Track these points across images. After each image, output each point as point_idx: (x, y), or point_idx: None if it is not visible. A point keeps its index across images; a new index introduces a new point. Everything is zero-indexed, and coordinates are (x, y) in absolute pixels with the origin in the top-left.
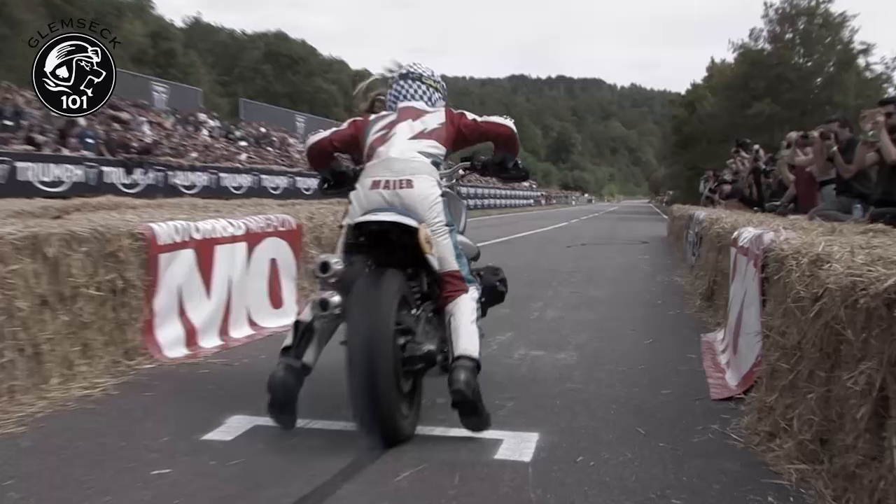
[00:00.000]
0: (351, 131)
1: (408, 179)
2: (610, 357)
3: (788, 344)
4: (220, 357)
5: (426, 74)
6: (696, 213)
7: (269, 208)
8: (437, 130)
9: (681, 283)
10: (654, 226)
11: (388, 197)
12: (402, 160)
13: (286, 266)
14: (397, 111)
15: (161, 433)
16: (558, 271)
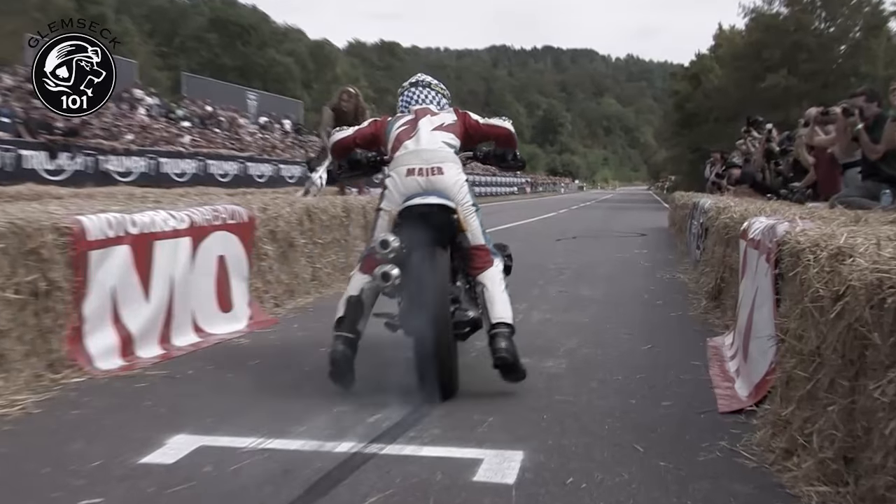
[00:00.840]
0: (371, 130)
1: (438, 167)
2: (603, 365)
3: (806, 349)
4: (161, 368)
5: (434, 83)
6: (701, 201)
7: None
8: (452, 125)
9: (684, 280)
10: (654, 216)
11: (422, 183)
12: (430, 150)
13: (236, 264)
14: (413, 112)
15: (91, 456)
16: (545, 268)
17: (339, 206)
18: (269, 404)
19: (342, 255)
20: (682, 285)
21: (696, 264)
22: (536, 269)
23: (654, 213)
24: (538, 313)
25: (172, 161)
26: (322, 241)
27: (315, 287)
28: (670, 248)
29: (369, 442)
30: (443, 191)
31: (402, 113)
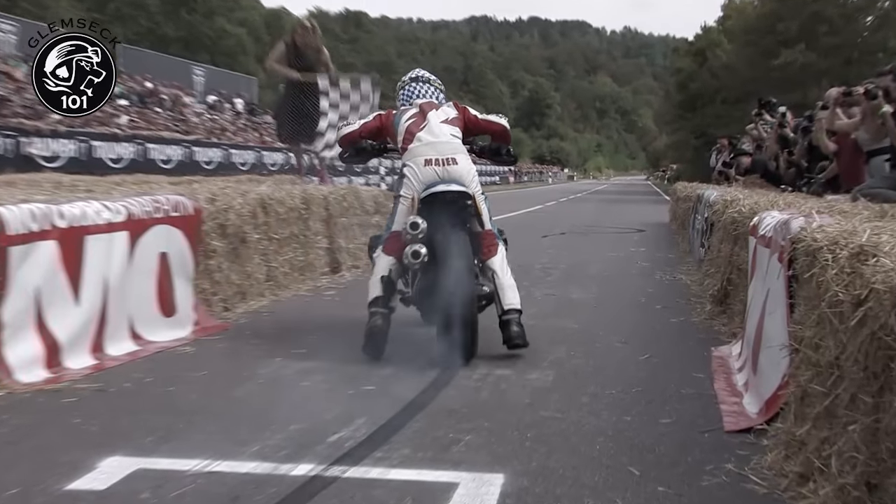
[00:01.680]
0: (377, 124)
1: (453, 158)
2: (595, 377)
3: (823, 360)
4: (92, 381)
5: (433, 78)
6: (706, 192)
7: (158, 187)
8: (455, 119)
9: (686, 282)
10: (653, 209)
11: (440, 172)
12: (443, 142)
13: (180, 262)
14: (419, 106)
15: (10, 482)
16: (530, 268)
17: (297, 197)
18: (217, 421)
19: (301, 253)
20: (683, 288)
21: (700, 264)
22: (520, 269)
23: (653, 206)
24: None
25: (107, 144)
26: (278, 237)
27: (270, 288)
28: (671, 246)
29: (330, 464)
30: (458, 179)
31: (405, 106)
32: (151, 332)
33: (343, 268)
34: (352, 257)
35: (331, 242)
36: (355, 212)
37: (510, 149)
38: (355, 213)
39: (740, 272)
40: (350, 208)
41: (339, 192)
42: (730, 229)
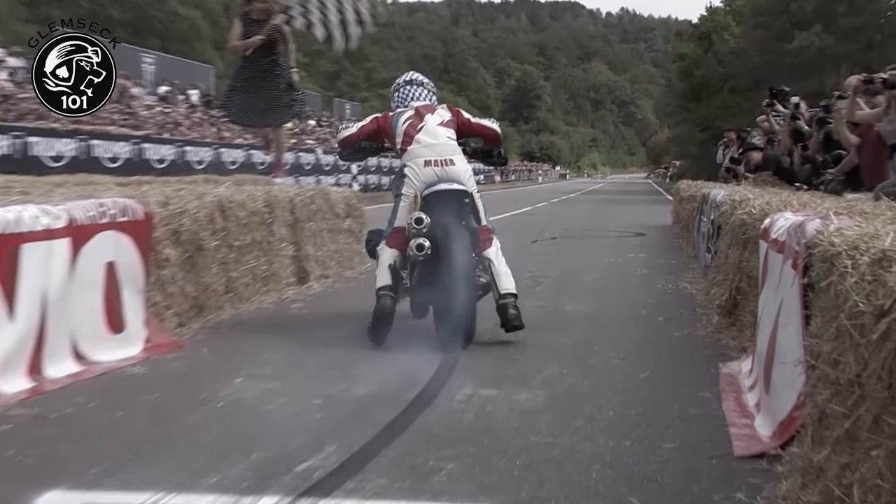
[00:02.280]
0: (374, 126)
1: (451, 159)
2: (590, 397)
3: (843, 378)
4: (29, 406)
5: (426, 81)
6: (712, 192)
7: (103, 189)
8: (450, 122)
9: (690, 291)
10: (654, 210)
11: (439, 172)
12: (441, 144)
13: (129, 273)
14: (414, 108)
15: None
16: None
17: (260, 199)
18: (171, 450)
19: (264, 261)
20: (688, 297)
21: (706, 271)
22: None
23: (653, 207)
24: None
25: (45, 141)
26: (239, 244)
27: (230, 301)
28: (674, 252)
29: (298, 496)
30: (456, 178)
31: (401, 108)
32: (97, 352)
33: (311, 278)
34: (321, 266)
35: (297, 250)
36: (324, 216)
37: (501, 151)
38: (324, 217)
39: (750, 280)
40: (319, 212)
41: (307, 193)
42: (738, 233)
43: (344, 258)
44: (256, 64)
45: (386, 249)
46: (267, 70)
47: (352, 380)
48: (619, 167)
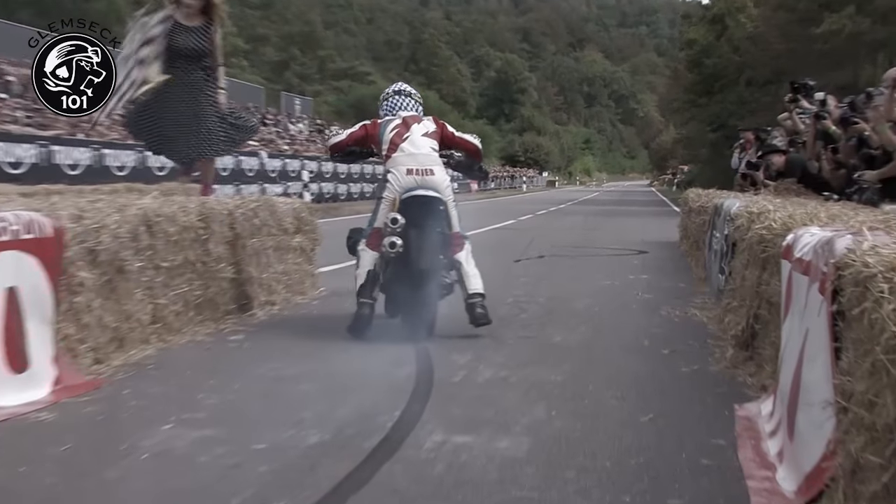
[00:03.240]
0: (362, 133)
1: (430, 169)
2: (583, 444)
3: (880, 422)
4: None
5: (413, 92)
6: (726, 202)
7: (3, 201)
8: (434, 133)
9: (701, 319)
10: (658, 224)
11: (419, 181)
12: (423, 154)
13: (34, 300)
14: (401, 118)
15: None
16: (499, 302)
17: (193, 212)
18: None
19: (198, 286)
20: (698, 327)
21: (719, 296)
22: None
23: (657, 219)
24: (488, 370)
25: None
26: (168, 265)
27: (157, 333)
28: (681, 273)
29: None
30: (434, 187)
31: (389, 117)
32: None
33: (254, 304)
34: (266, 291)
35: (238, 272)
36: (270, 231)
37: (482, 165)
38: (270, 232)
39: (771, 307)
40: (263, 227)
41: (249, 205)
42: (757, 250)
43: (293, 281)
44: (179, 82)
45: (367, 252)
46: (193, 88)
47: (302, 425)
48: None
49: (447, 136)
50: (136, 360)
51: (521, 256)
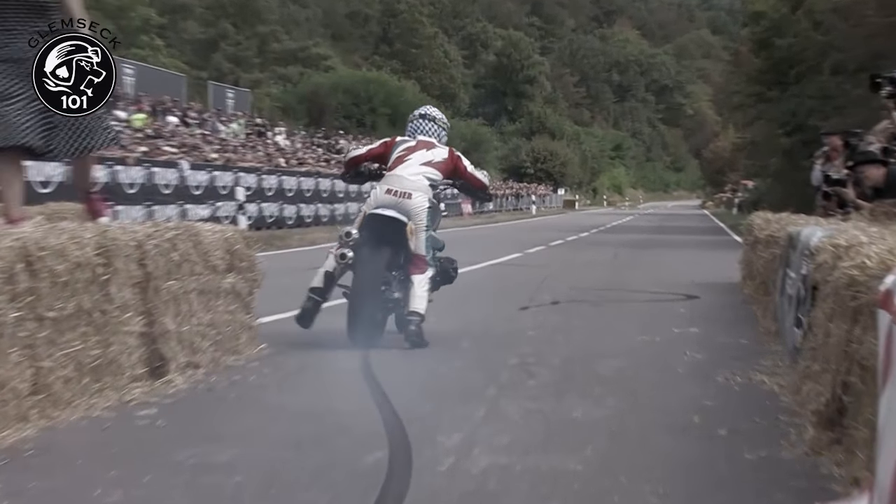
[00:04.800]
0: (381, 150)
1: (409, 193)
2: None
3: None
4: None
5: (438, 117)
6: (805, 231)
7: None
8: (440, 163)
9: (770, 387)
10: (713, 259)
11: (393, 202)
12: (409, 180)
13: None
14: (416, 140)
15: None
16: (501, 362)
17: (89, 244)
18: None
19: (96, 342)
20: (766, 398)
21: (795, 357)
22: (483, 363)
23: (712, 253)
24: (484, 455)
25: None
26: (55, 315)
27: (39, 407)
28: (743, 325)
29: None
30: (406, 210)
31: (408, 138)
32: None
33: (171, 367)
34: (187, 349)
35: (150, 324)
36: (193, 269)
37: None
38: (193, 271)
39: (865, 372)
40: (184, 263)
41: (165, 234)
42: (846, 297)
43: (224, 336)
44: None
45: (332, 256)
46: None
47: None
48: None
49: (459, 170)
50: (9, 444)
51: (528, 302)
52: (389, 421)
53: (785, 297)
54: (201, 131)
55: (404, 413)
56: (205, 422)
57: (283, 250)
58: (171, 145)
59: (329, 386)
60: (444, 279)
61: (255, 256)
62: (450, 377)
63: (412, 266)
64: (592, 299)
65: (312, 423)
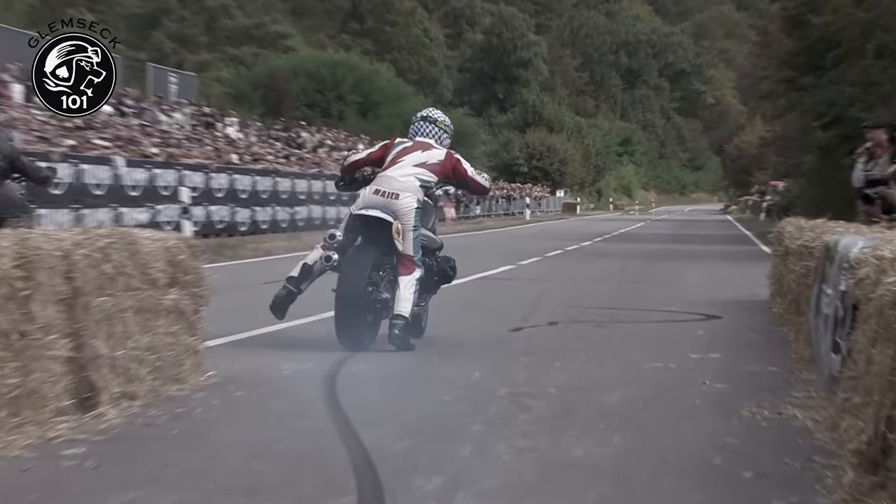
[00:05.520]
0: (381, 153)
1: (397, 193)
2: None
3: None
4: None
5: (440, 119)
6: (844, 241)
7: None
8: (435, 165)
9: (803, 423)
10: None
11: (380, 202)
12: (398, 180)
13: None
14: (413, 141)
15: None
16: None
17: (6, 255)
18: None
19: (14, 370)
20: (799, 435)
21: (833, 387)
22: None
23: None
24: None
25: None
26: None
27: None
28: (773, 349)
29: None
30: (393, 211)
31: (407, 139)
32: None
33: (103, 398)
34: (122, 377)
35: (78, 348)
36: (129, 284)
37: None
38: (129, 286)
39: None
40: (118, 277)
41: (96, 243)
42: (891, 317)
43: (165, 362)
44: None
45: (316, 250)
46: None
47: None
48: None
49: (459, 173)
50: None
51: (521, 323)
52: (358, 460)
53: (820, 317)
54: (139, 122)
55: (376, 451)
56: (142, 462)
57: (235, 261)
58: (104, 138)
59: (288, 419)
60: (442, 279)
61: (202, 269)
62: (429, 409)
63: (400, 266)
64: (596, 319)
65: (268, 463)
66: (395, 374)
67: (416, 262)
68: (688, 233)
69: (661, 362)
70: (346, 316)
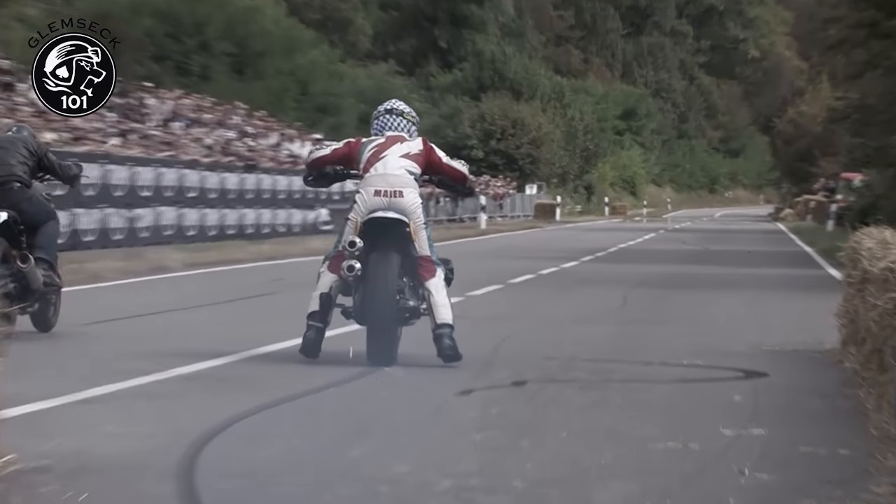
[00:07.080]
0: (346, 150)
1: (400, 191)
2: None
3: None
4: None
5: (406, 111)
6: None
7: None
8: (417, 155)
9: None
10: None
11: (386, 203)
12: (394, 175)
13: None
14: (385, 137)
15: None
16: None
17: None
18: None
19: None
20: None
21: None
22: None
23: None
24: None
25: None
26: None
27: None
28: (843, 422)
29: None
30: (401, 210)
31: (376, 136)
32: None
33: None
34: None
35: None
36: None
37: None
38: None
39: None
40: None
41: None
42: None
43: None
44: None
45: (326, 274)
46: None
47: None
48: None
49: (434, 162)
50: None
51: (473, 382)
52: None
53: None
54: None
55: None
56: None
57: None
58: None
59: None
60: None
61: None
62: None
63: (421, 270)
64: (583, 378)
65: None
66: (281, 459)
67: (435, 261)
68: (719, 249)
69: (679, 442)
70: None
